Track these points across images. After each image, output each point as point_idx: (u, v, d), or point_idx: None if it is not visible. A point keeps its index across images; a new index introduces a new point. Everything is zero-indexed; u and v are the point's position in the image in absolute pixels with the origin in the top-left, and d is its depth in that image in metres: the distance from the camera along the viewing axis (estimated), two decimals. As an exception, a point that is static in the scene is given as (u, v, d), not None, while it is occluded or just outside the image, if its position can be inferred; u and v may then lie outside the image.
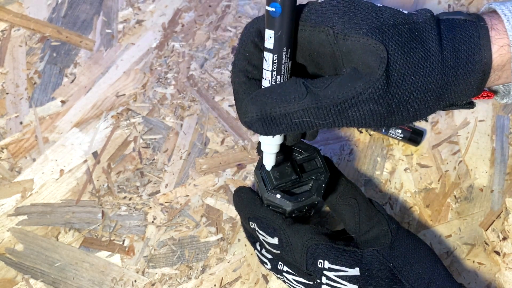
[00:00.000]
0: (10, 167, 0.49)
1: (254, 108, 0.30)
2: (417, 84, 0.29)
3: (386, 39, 0.29)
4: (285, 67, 0.31)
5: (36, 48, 0.56)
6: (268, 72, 0.31)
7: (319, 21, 0.29)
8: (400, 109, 0.30)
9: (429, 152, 0.50)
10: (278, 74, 0.31)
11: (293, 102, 0.29)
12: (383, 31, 0.29)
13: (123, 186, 0.48)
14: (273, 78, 0.31)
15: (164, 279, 0.44)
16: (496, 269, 0.44)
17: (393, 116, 0.30)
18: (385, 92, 0.29)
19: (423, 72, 0.29)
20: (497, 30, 0.30)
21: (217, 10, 0.59)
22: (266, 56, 0.31)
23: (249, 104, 0.30)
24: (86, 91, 0.53)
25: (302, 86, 0.29)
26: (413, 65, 0.29)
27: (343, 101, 0.29)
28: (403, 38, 0.29)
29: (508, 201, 0.47)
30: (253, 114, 0.30)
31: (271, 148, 0.35)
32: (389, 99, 0.29)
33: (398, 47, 0.29)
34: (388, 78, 0.29)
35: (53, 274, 0.44)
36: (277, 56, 0.30)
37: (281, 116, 0.29)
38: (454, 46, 0.30)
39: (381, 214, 0.38)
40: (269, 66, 0.31)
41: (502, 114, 0.52)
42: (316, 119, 0.29)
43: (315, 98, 0.29)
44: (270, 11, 0.29)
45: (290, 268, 0.38)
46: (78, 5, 0.59)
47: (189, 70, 0.54)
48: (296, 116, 0.29)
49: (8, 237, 0.45)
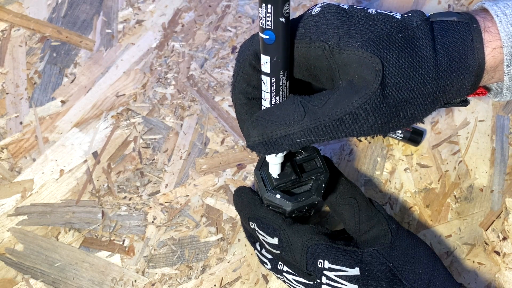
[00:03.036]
0: (10, 167, 0.49)
1: (255, 133, 0.31)
2: (413, 92, 0.30)
3: (381, 51, 0.29)
4: (283, 88, 0.31)
5: (36, 48, 0.56)
6: (267, 94, 0.31)
7: (314, 37, 0.30)
8: (397, 117, 0.31)
9: (429, 152, 0.50)
10: (277, 95, 0.31)
11: (293, 124, 0.30)
12: (377, 43, 0.29)
13: (123, 186, 0.48)
14: (273, 99, 0.32)
15: (164, 279, 0.44)
16: (496, 269, 0.44)
17: (390, 124, 0.31)
18: (381, 104, 0.29)
19: (418, 80, 0.29)
20: (490, 32, 0.31)
21: (217, 10, 0.59)
22: (264, 79, 0.31)
23: (251, 129, 0.31)
24: (86, 91, 0.53)
25: (300, 107, 0.30)
26: (408, 74, 0.29)
27: (341, 117, 0.29)
28: (397, 48, 0.29)
29: (508, 201, 0.47)
30: (255, 139, 0.31)
31: (276, 160, 0.35)
32: (386, 109, 0.30)
33: (393, 58, 0.29)
34: (384, 90, 0.29)
35: (53, 274, 0.44)
36: (275, 80, 0.30)
37: (282, 138, 0.30)
38: (448, 50, 0.30)
39: (381, 214, 0.38)
40: (268, 88, 0.31)
41: (502, 114, 0.52)
42: (316, 137, 0.30)
43: (314, 117, 0.29)
44: (265, 38, 0.29)
45: (290, 268, 0.38)
46: (78, 5, 0.59)
47: (189, 70, 0.54)
48: (296, 137, 0.30)
49: (8, 237, 0.45)
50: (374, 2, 0.60)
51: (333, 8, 0.30)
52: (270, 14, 0.28)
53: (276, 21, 0.28)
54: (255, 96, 0.33)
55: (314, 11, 0.31)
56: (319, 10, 0.30)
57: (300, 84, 0.34)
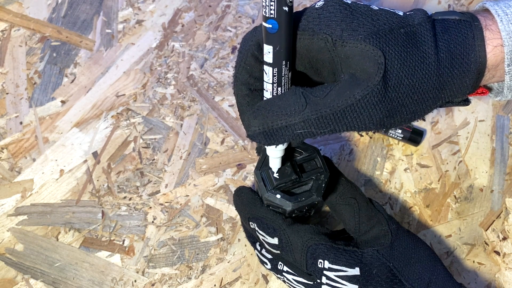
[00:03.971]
0: (10, 167, 0.49)
1: (256, 122, 0.31)
2: (414, 86, 0.30)
3: (383, 44, 0.29)
4: (285, 79, 0.31)
5: (36, 48, 0.56)
6: (269, 85, 0.31)
7: (317, 29, 0.30)
8: (399, 112, 0.31)
9: (429, 152, 0.50)
10: (279, 86, 0.31)
11: (294, 114, 0.30)
12: (380, 37, 0.29)
13: (123, 186, 0.48)
14: (274, 90, 0.32)
15: (164, 279, 0.44)
16: (496, 269, 0.44)
17: (392, 119, 0.31)
18: (383, 97, 0.29)
19: (419, 75, 0.30)
20: (491, 30, 0.31)
21: (217, 10, 0.59)
22: (266, 70, 0.31)
23: (252, 118, 0.31)
24: (86, 91, 0.53)
25: (301, 97, 0.30)
26: (410, 68, 0.29)
27: (342, 109, 0.29)
28: (400, 42, 0.29)
29: (508, 201, 0.47)
30: (255, 128, 0.31)
31: (277, 153, 0.35)
32: (388, 103, 0.30)
33: (395, 52, 0.29)
34: (386, 83, 0.29)
35: (53, 274, 0.44)
36: (277, 70, 0.30)
37: (282, 128, 0.30)
38: (449, 47, 0.30)
39: (381, 214, 0.38)
40: (270, 79, 0.31)
41: (502, 114, 0.52)
42: (316, 129, 0.30)
43: (315, 109, 0.29)
44: (268, 27, 0.29)
45: (290, 268, 0.38)
46: (78, 5, 0.59)
47: (189, 70, 0.54)
48: (297, 127, 0.30)
49: (8, 237, 0.45)
50: (375, 1, 0.60)
51: (337, 2, 0.30)
52: (273, 3, 0.28)
53: (279, 10, 0.28)
54: (257, 87, 0.33)
55: (317, 4, 0.31)
56: (323, 3, 0.31)
57: (302, 79, 0.34)
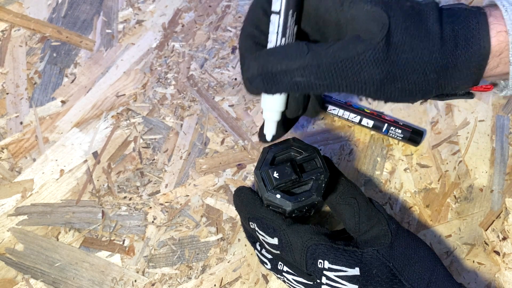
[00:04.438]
0: (10, 167, 0.49)
1: (255, 64, 0.31)
2: (417, 56, 0.30)
3: (389, 9, 0.30)
4: (290, 30, 0.32)
5: (36, 48, 0.56)
6: (274, 35, 0.32)
7: None
8: (400, 78, 0.31)
9: (429, 152, 0.50)
10: (283, 36, 0.32)
11: (294, 59, 0.30)
12: (386, 2, 0.30)
13: (123, 186, 0.48)
14: (278, 41, 0.32)
15: (164, 279, 0.44)
16: (496, 269, 0.44)
17: (392, 84, 0.31)
18: (384, 57, 0.30)
19: (422, 46, 0.30)
20: (495, 17, 0.32)
21: (217, 10, 0.59)
22: (273, 19, 0.31)
23: (251, 61, 0.31)
24: (86, 91, 0.53)
25: (304, 46, 0.30)
26: (413, 37, 0.30)
27: (343, 60, 0.29)
28: (405, 12, 0.30)
29: (508, 201, 0.47)
30: (254, 70, 0.31)
31: (273, 115, 0.35)
32: (389, 65, 0.30)
33: (400, 17, 0.30)
34: (388, 44, 0.30)
35: (53, 274, 0.44)
36: (283, 19, 0.31)
37: (281, 73, 0.30)
38: (454, 28, 0.31)
39: (381, 214, 0.38)
40: (275, 28, 0.31)
41: (502, 114, 0.52)
42: (316, 79, 0.30)
43: (316, 56, 0.30)
44: None
45: (290, 268, 0.38)
46: (78, 5, 0.59)
47: (189, 70, 0.55)
48: (296, 74, 0.30)
49: (8, 237, 0.45)
50: None
51: None
52: None
53: None
54: (262, 42, 0.33)
55: None
56: None
57: None
